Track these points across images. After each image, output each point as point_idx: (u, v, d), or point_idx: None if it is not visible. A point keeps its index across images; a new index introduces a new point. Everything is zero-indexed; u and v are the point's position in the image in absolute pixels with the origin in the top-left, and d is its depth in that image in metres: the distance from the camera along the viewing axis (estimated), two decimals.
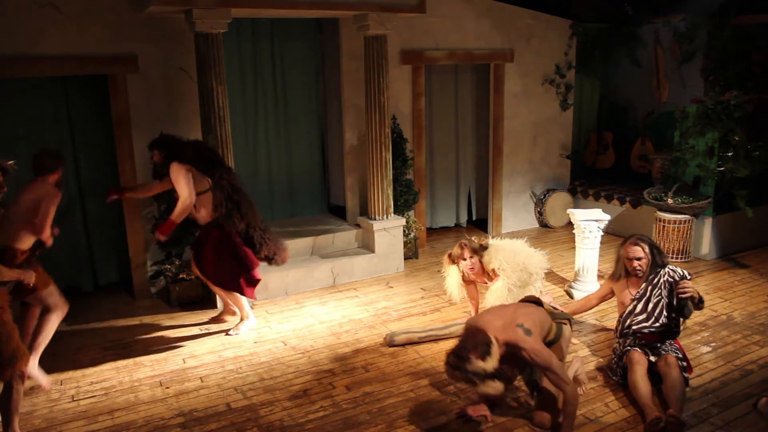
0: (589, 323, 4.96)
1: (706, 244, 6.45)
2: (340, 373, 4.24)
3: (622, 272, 4.23)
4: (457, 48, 6.94)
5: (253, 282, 4.77)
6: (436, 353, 4.41)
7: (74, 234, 6.01)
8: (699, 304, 3.90)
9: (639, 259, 4.07)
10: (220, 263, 4.65)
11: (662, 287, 3.99)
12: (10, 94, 5.27)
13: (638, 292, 4.07)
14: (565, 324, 3.74)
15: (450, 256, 4.71)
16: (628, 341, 4.01)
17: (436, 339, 4.66)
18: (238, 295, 4.84)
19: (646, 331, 3.95)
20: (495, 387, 3.08)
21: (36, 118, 5.43)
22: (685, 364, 3.88)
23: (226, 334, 4.87)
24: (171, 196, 5.47)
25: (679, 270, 4.04)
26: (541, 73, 7.65)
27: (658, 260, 4.07)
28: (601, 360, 4.32)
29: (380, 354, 4.51)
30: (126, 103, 5.41)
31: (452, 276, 4.72)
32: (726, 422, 3.52)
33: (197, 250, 4.77)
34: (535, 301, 3.80)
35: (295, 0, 5.23)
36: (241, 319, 4.96)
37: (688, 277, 4.01)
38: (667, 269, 4.04)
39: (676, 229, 6.24)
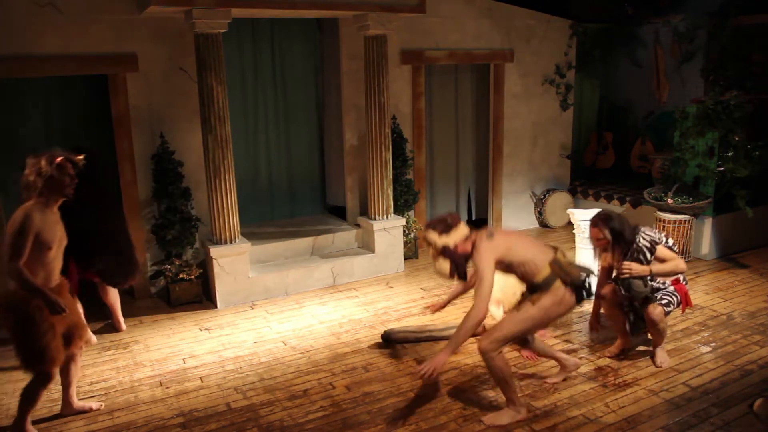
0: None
1: (706, 244, 6.45)
2: (340, 373, 4.24)
3: (596, 252, 4.22)
4: (457, 48, 6.94)
5: None
6: (436, 353, 4.40)
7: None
8: (649, 281, 3.99)
9: (598, 239, 4.07)
10: None
11: (636, 261, 3.99)
12: (11, 93, 5.27)
13: (615, 273, 4.09)
14: (560, 279, 3.40)
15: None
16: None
17: (435, 339, 4.66)
18: None
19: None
20: (440, 266, 3.47)
21: (36, 117, 5.43)
22: (671, 308, 4.11)
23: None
24: (171, 196, 5.48)
25: (650, 235, 4.02)
26: (541, 73, 7.65)
27: (626, 236, 3.98)
28: (601, 360, 4.31)
29: (380, 354, 4.51)
30: (126, 103, 5.41)
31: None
32: (726, 422, 3.52)
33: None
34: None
35: (295, 0, 5.23)
36: None
37: (661, 242, 4.01)
38: (638, 238, 4.00)
39: (676, 229, 6.24)
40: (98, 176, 4.39)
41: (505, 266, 3.44)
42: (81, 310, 4.04)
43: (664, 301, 4.13)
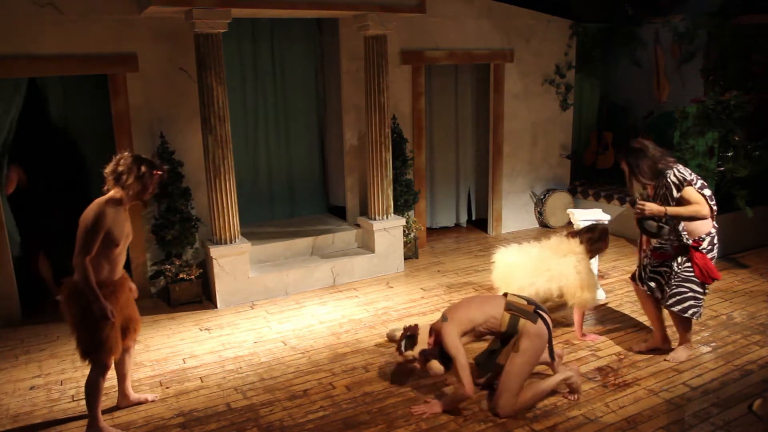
0: (589, 324, 4.96)
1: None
2: (340, 373, 4.24)
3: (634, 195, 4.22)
4: (457, 48, 6.94)
5: None
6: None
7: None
8: (664, 224, 3.86)
9: (624, 171, 4.09)
10: None
11: (663, 197, 3.93)
12: (11, 93, 5.27)
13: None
14: (522, 318, 3.61)
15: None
16: (647, 270, 4.21)
17: None
18: None
19: (656, 251, 4.11)
20: (434, 368, 3.65)
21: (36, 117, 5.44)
22: (694, 286, 4.01)
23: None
24: (171, 196, 5.48)
25: (682, 174, 3.86)
26: (541, 73, 7.65)
27: (642, 170, 3.92)
28: (601, 360, 4.31)
29: (380, 354, 4.51)
30: (126, 103, 5.41)
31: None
32: (726, 422, 3.52)
33: None
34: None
35: (295, 0, 5.23)
36: None
37: (693, 183, 3.83)
38: (669, 173, 3.89)
39: None
40: None
41: (473, 333, 3.70)
42: None
43: (687, 308, 4.01)
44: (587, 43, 7.99)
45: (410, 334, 3.76)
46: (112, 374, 3.71)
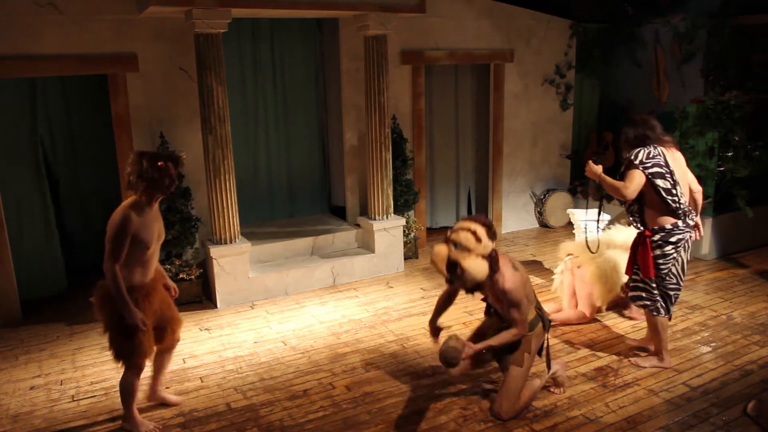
0: (589, 324, 4.96)
1: (706, 244, 6.45)
2: (340, 373, 4.24)
3: None
4: (457, 48, 6.94)
5: None
6: (436, 353, 4.40)
7: (74, 233, 6.02)
8: (586, 185, 4.10)
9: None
10: None
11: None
12: (11, 93, 5.27)
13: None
14: (541, 321, 3.64)
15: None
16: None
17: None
18: None
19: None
20: (478, 266, 3.25)
21: (37, 117, 5.44)
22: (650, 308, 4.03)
23: None
24: (171, 196, 5.47)
25: (641, 155, 3.86)
26: (541, 73, 7.65)
27: (638, 141, 3.96)
28: (601, 360, 4.32)
29: (380, 354, 4.51)
30: (126, 103, 5.41)
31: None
32: (726, 422, 3.52)
33: None
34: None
35: (295, 0, 5.23)
36: None
37: (640, 167, 3.82)
38: (640, 150, 3.91)
39: None
40: None
41: (506, 306, 3.47)
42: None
43: (637, 297, 4.11)
44: (587, 43, 7.99)
45: (495, 231, 3.41)
46: (112, 375, 3.71)
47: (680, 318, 4.95)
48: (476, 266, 3.25)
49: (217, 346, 4.71)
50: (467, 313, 5.14)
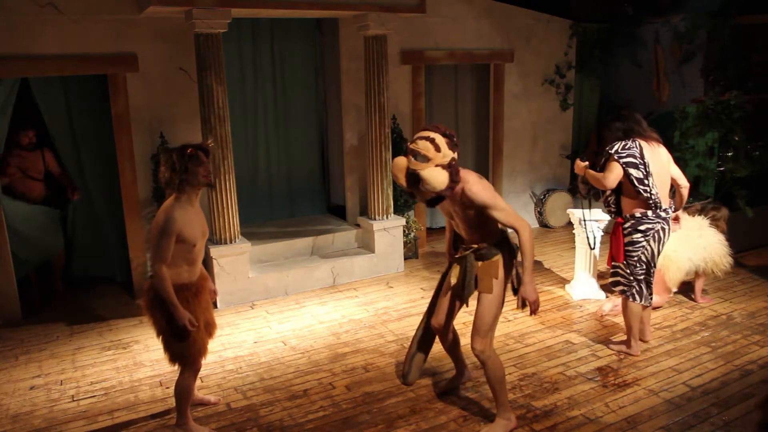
0: (588, 324, 4.96)
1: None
2: (340, 373, 4.24)
3: None
4: (457, 48, 6.94)
5: None
6: (436, 353, 4.40)
7: (74, 233, 6.01)
8: (579, 182, 4.30)
9: None
10: None
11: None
12: (11, 93, 5.27)
13: None
14: (508, 246, 3.41)
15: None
16: None
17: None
18: None
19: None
20: (435, 175, 3.06)
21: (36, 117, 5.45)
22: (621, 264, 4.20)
23: None
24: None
25: (617, 146, 4.07)
26: (541, 73, 7.65)
27: (621, 134, 4.13)
28: (601, 360, 4.32)
29: (380, 354, 4.51)
30: (126, 103, 5.41)
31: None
32: (726, 422, 3.52)
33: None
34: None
35: (295, 0, 5.23)
36: None
37: (617, 159, 4.01)
38: (617, 144, 4.12)
39: None
40: None
41: (482, 214, 3.23)
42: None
43: (615, 283, 4.26)
44: (587, 43, 7.99)
45: (456, 142, 3.19)
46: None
47: (680, 318, 4.95)
48: (435, 176, 3.07)
49: (217, 346, 4.70)
50: (468, 314, 5.13)
